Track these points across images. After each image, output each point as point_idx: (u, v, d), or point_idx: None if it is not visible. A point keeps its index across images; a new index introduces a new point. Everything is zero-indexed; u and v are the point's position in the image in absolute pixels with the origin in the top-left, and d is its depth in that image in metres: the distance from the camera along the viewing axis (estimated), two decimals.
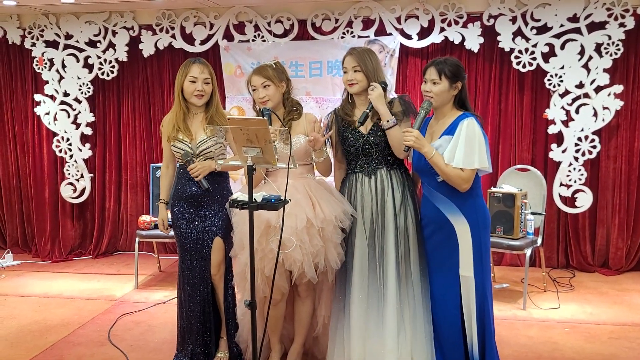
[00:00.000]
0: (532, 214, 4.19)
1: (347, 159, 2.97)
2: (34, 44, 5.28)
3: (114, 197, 5.58)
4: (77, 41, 5.22)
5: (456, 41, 4.73)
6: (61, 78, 5.30)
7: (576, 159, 4.66)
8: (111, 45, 5.21)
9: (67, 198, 5.49)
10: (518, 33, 4.60)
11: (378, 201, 2.84)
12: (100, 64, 5.25)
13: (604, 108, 4.55)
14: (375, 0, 4.77)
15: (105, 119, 5.51)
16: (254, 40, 5.03)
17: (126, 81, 5.42)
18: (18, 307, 4.20)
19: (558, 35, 4.54)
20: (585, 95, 4.58)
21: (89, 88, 5.31)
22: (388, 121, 2.75)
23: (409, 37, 4.81)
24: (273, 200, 2.42)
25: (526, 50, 4.60)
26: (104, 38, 5.19)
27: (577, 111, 4.60)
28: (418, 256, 2.84)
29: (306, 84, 5.00)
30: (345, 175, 2.99)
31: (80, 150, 5.40)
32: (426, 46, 4.84)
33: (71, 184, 5.47)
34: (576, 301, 4.19)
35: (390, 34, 4.82)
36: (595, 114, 4.57)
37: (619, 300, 4.21)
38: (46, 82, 5.32)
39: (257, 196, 2.42)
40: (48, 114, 5.35)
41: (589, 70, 4.53)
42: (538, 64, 4.61)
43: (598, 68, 4.50)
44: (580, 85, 4.56)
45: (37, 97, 5.37)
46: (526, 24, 4.57)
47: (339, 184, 3.03)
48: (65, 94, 5.33)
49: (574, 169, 4.67)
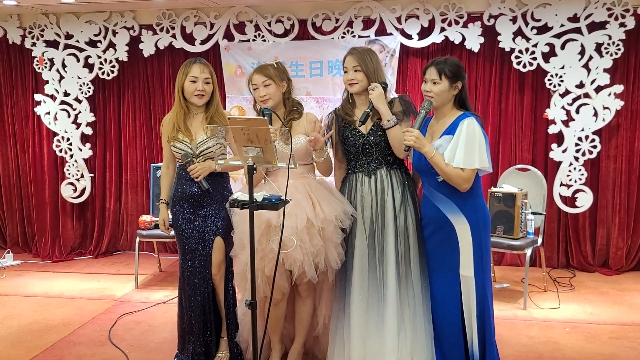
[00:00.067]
0: (533, 213, 4.19)
1: (347, 159, 2.97)
2: (34, 44, 5.28)
3: (115, 197, 5.58)
4: (78, 41, 5.22)
5: (456, 41, 4.73)
6: (61, 78, 5.30)
7: (576, 158, 4.66)
8: (111, 45, 5.21)
9: (68, 198, 5.49)
10: (518, 33, 4.60)
11: (378, 201, 2.84)
12: (101, 63, 5.25)
13: (605, 108, 4.55)
14: (375, 0, 4.78)
15: (106, 118, 5.51)
16: (254, 40, 5.03)
17: (126, 81, 5.42)
18: (18, 307, 4.20)
19: (558, 35, 4.54)
20: (586, 95, 4.58)
21: (89, 88, 5.31)
22: (389, 121, 2.75)
23: (409, 37, 4.81)
24: (274, 200, 2.42)
25: (526, 50, 4.60)
26: (105, 38, 5.19)
27: (578, 111, 4.60)
28: (418, 256, 2.84)
29: (306, 83, 5.00)
30: (346, 175, 2.99)
31: (80, 150, 5.40)
32: (426, 46, 4.84)
33: (71, 183, 5.47)
34: (576, 301, 4.19)
35: (390, 34, 4.82)
36: (595, 114, 4.57)
37: (620, 300, 4.21)
38: (46, 82, 5.32)
39: (258, 196, 2.42)
40: (48, 113, 5.35)
41: (589, 70, 4.53)
42: (538, 64, 4.61)
43: (598, 68, 4.50)
44: (580, 85, 4.56)
45: (38, 97, 5.37)
46: (526, 24, 4.57)
47: (339, 184, 3.03)
48: (66, 94, 5.33)
49: (575, 168, 4.67)
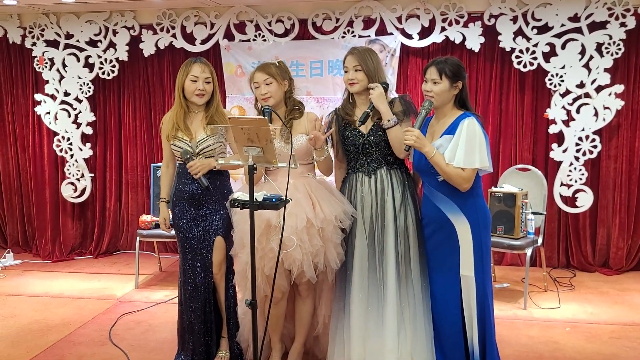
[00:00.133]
0: (533, 213, 4.19)
1: (348, 159, 2.96)
2: (34, 44, 5.28)
3: (115, 197, 5.58)
4: (78, 40, 5.22)
5: (457, 41, 4.73)
6: (62, 77, 5.30)
7: (577, 158, 4.65)
8: (112, 44, 5.21)
9: (68, 197, 5.49)
10: (519, 33, 4.60)
11: (378, 201, 2.84)
12: (101, 63, 5.25)
13: (605, 108, 4.54)
14: (376, 0, 4.78)
15: (106, 118, 5.51)
16: (254, 39, 5.03)
17: (127, 81, 5.42)
18: (19, 307, 4.20)
19: (559, 35, 4.54)
20: (586, 95, 4.57)
21: (90, 87, 5.31)
22: (389, 120, 2.75)
23: (409, 37, 4.81)
24: (274, 200, 2.42)
25: (527, 49, 4.60)
26: (105, 37, 5.19)
27: (578, 111, 4.60)
28: (418, 256, 2.84)
29: (307, 83, 4.99)
30: (346, 174, 2.99)
31: (80, 149, 5.40)
32: (427, 46, 4.84)
33: (72, 183, 5.47)
34: (577, 301, 4.19)
35: (391, 34, 4.82)
36: (596, 114, 4.57)
37: (620, 300, 4.21)
38: (47, 82, 5.32)
39: (258, 195, 2.42)
40: (49, 113, 5.35)
41: (589, 70, 4.53)
42: (539, 64, 4.61)
43: (599, 68, 4.50)
44: (581, 85, 4.56)
45: (38, 97, 5.37)
46: (527, 24, 4.57)
47: (339, 184, 3.03)
48: (66, 94, 5.33)
49: (575, 168, 4.67)
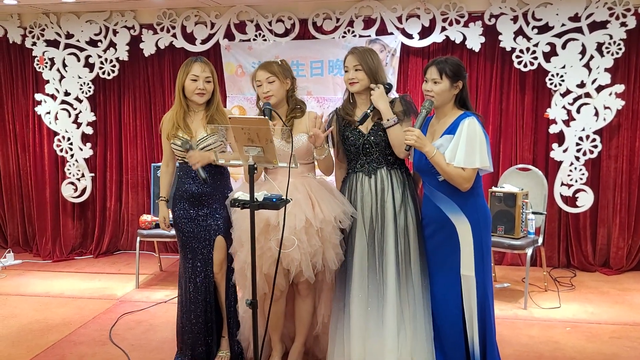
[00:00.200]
0: (533, 213, 4.19)
1: (348, 159, 2.96)
2: (34, 43, 5.28)
3: (115, 197, 5.58)
4: (78, 40, 5.22)
5: (457, 40, 4.73)
6: (62, 77, 5.30)
7: (577, 158, 4.65)
8: (112, 44, 5.20)
9: (68, 197, 5.49)
10: (519, 32, 4.60)
11: (378, 201, 2.83)
12: (101, 63, 5.25)
13: (605, 107, 4.54)
14: None
15: (106, 118, 5.51)
16: (255, 39, 5.03)
17: (127, 80, 5.42)
18: (19, 307, 4.20)
19: (559, 35, 4.54)
20: (587, 95, 4.57)
21: (90, 87, 5.31)
22: (388, 120, 2.75)
23: (410, 37, 4.81)
24: (274, 200, 2.42)
25: (527, 49, 4.60)
26: (105, 37, 5.18)
27: (579, 111, 4.59)
28: (418, 256, 2.84)
29: (307, 83, 4.99)
30: (346, 174, 2.99)
31: (81, 149, 5.40)
32: (427, 45, 4.84)
33: (72, 183, 5.47)
34: (577, 301, 4.19)
35: (391, 34, 4.82)
36: (596, 114, 4.57)
37: (620, 299, 4.21)
38: (47, 82, 5.32)
39: (259, 195, 2.42)
40: (49, 113, 5.35)
41: (590, 69, 4.52)
42: (539, 64, 4.61)
43: (599, 67, 4.50)
44: (581, 85, 4.55)
45: (38, 97, 5.37)
46: (527, 24, 4.57)
47: (339, 184, 3.03)
48: (66, 94, 5.33)
49: (575, 168, 4.66)
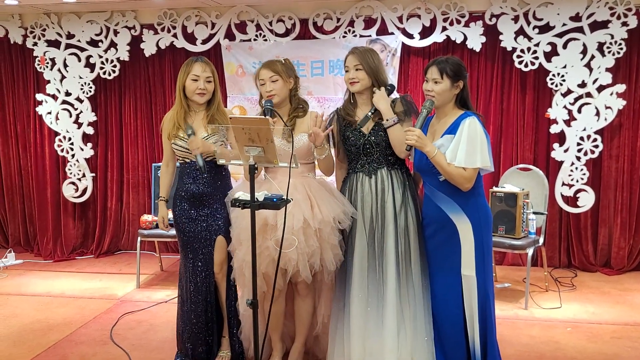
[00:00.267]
0: (534, 213, 4.18)
1: (348, 159, 2.96)
2: (35, 44, 5.28)
3: (116, 197, 5.58)
4: (79, 40, 5.22)
5: (458, 40, 4.73)
6: (63, 77, 5.30)
7: (578, 158, 4.65)
8: (113, 44, 5.21)
9: (69, 197, 5.50)
10: (520, 32, 4.59)
11: (378, 201, 2.83)
12: (102, 63, 5.25)
13: (606, 107, 4.54)
14: None
15: (107, 118, 5.51)
16: (255, 39, 5.03)
17: (128, 80, 5.42)
18: (20, 306, 4.21)
19: (560, 35, 4.53)
20: (588, 95, 4.57)
21: (91, 87, 5.31)
22: (387, 120, 2.75)
23: (410, 37, 4.81)
24: (275, 200, 2.42)
25: (528, 49, 4.59)
26: (106, 37, 5.19)
27: (580, 110, 4.59)
28: (419, 256, 2.83)
29: (308, 83, 4.99)
30: (346, 174, 2.99)
31: (82, 149, 5.40)
32: (428, 45, 4.84)
33: (73, 183, 5.48)
34: (578, 301, 4.18)
35: (392, 33, 4.82)
36: (597, 114, 4.56)
37: (621, 300, 4.21)
38: (48, 82, 5.32)
39: (259, 195, 2.42)
40: (50, 113, 5.36)
41: (591, 69, 4.52)
42: (540, 63, 4.60)
43: (600, 67, 4.49)
44: (582, 85, 4.55)
45: (39, 97, 5.37)
46: (528, 23, 4.57)
47: (340, 184, 3.03)
48: (67, 94, 5.33)
49: (576, 168, 4.66)
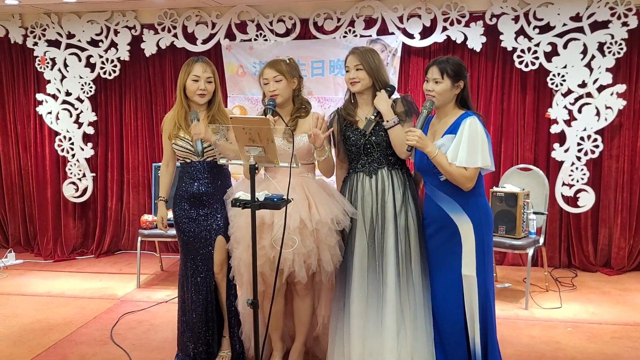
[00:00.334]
0: (535, 213, 4.18)
1: (349, 159, 2.96)
2: (36, 43, 5.28)
3: (116, 197, 5.58)
4: (79, 40, 5.22)
5: (458, 40, 4.73)
6: (63, 77, 5.30)
7: (578, 158, 4.65)
8: (113, 44, 5.21)
9: (69, 197, 5.50)
10: (520, 32, 4.59)
11: (378, 201, 2.83)
12: (102, 63, 5.25)
13: (607, 107, 4.54)
14: None
15: (108, 118, 5.51)
16: (256, 39, 5.03)
17: (128, 80, 5.43)
18: (20, 306, 4.21)
19: (561, 35, 4.53)
20: (588, 95, 4.57)
21: (91, 87, 5.31)
22: (388, 121, 2.75)
23: (411, 37, 4.81)
24: (275, 200, 2.42)
25: (529, 49, 4.59)
26: (106, 37, 5.19)
27: (580, 110, 4.59)
28: (419, 256, 2.83)
29: (308, 83, 4.93)
30: (347, 174, 2.99)
31: (82, 149, 5.40)
32: (428, 45, 4.84)
33: (73, 183, 5.48)
34: (578, 301, 4.18)
35: (392, 33, 4.82)
36: (597, 114, 4.56)
37: (622, 300, 4.21)
38: (48, 82, 5.32)
39: (260, 195, 2.42)
40: (50, 113, 5.36)
41: (591, 69, 4.52)
42: (540, 63, 4.60)
43: (601, 67, 4.49)
44: (582, 85, 4.55)
45: (39, 97, 5.37)
46: (529, 23, 4.57)
47: (340, 183, 3.03)
48: (67, 94, 5.33)
49: (577, 168, 4.66)
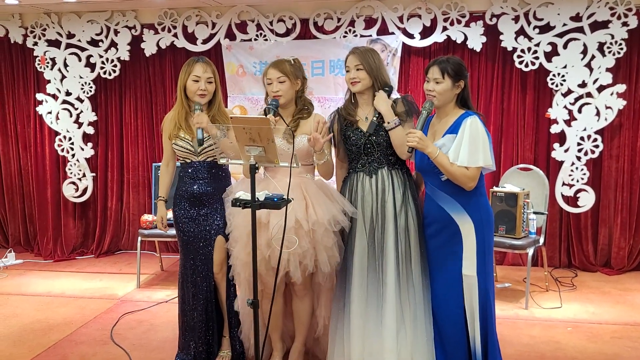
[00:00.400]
0: (535, 213, 4.19)
1: (349, 158, 2.96)
2: (36, 43, 5.28)
3: (116, 197, 5.58)
4: (79, 40, 5.22)
5: (458, 40, 4.73)
6: (63, 77, 5.30)
7: (578, 158, 4.65)
8: (113, 44, 5.21)
9: (70, 197, 5.50)
10: (521, 32, 4.59)
11: (378, 201, 2.83)
12: (102, 63, 5.25)
13: (607, 107, 4.54)
14: None
15: (108, 118, 5.51)
16: (256, 39, 5.03)
17: (128, 80, 5.42)
18: (20, 306, 4.21)
19: (561, 35, 4.53)
20: (588, 95, 4.57)
21: (91, 87, 5.31)
22: (389, 122, 2.75)
23: (411, 37, 4.81)
24: (276, 199, 2.42)
25: (529, 49, 4.59)
26: (106, 37, 5.19)
27: (580, 110, 4.59)
28: (419, 256, 2.83)
29: (308, 83, 4.88)
30: (347, 174, 2.99)
31: (82, 149, 5.40)
32: (428, 45, 4.84)
33: (73, 183, 5.47)
34: (578, 301, 4.18)
35: (392, 33, 4.82)
36: (597, 114, 4.56)
37: (622, 299, 4.21)
38: (48, 81, 5.32)
39: (260, 195, 2.42)
40: (50, 113, 5.36)
41: (591, 69, 4.52)
42: (541, 63, 4.60)
43: (601, 67, 4.50)
44: (582, 85, 4.55)
45: (39, 96, 5.37)
46: (529, 23, 4.57)
47: (340, 183, 3.03)
48: (67, 93, 5.33)
49: (577, 168, 4.66)
